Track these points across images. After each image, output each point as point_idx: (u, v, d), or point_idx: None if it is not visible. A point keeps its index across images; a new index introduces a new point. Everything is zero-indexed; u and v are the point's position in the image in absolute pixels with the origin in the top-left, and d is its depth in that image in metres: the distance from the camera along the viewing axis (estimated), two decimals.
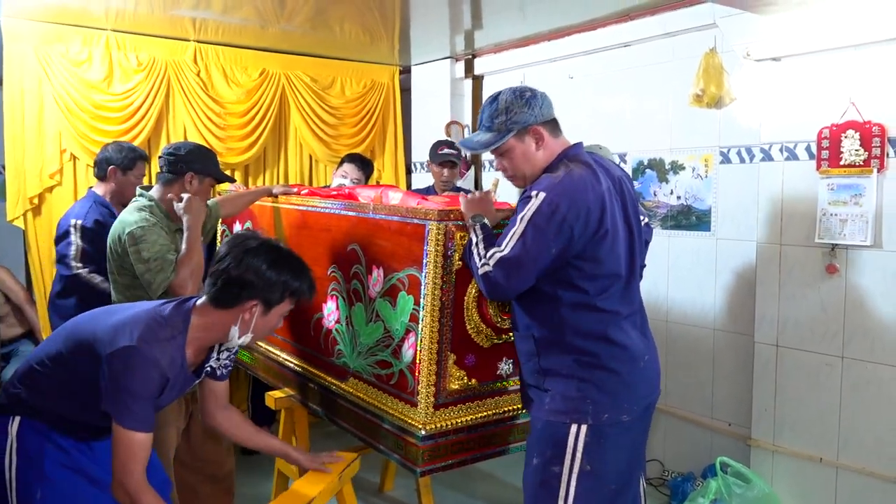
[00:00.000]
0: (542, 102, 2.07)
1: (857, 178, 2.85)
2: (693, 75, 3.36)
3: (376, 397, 2.48)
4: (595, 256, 1.98)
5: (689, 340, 3.69)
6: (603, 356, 2.00)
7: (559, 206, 1.91)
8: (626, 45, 3.85)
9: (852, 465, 2.95)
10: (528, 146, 2.07)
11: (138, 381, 1.85)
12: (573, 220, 1.91)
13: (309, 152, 4.81)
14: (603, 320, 2.00)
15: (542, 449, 2.03)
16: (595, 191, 1.97)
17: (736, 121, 3.41)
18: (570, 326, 2.01)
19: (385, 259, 2.49)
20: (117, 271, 2.68)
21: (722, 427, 3.55)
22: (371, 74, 4.99)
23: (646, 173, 3.81)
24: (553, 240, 1.92)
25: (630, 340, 2.05)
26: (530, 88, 2.10)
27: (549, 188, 1.94)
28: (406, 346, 2.37)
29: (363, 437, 2.57)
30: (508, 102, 2.05)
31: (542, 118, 2.06)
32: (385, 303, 2.48)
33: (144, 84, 4.08)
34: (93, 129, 3.93)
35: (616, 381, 2.00)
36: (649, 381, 2.12)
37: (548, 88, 4.26)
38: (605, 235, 1.97)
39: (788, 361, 3.12)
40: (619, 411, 2.00)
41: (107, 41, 3.98)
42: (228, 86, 4.40)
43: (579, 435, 1.97)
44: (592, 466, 1.96)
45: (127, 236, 2.58)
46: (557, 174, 1.98)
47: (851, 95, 2.86)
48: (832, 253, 2.95)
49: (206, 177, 2.81)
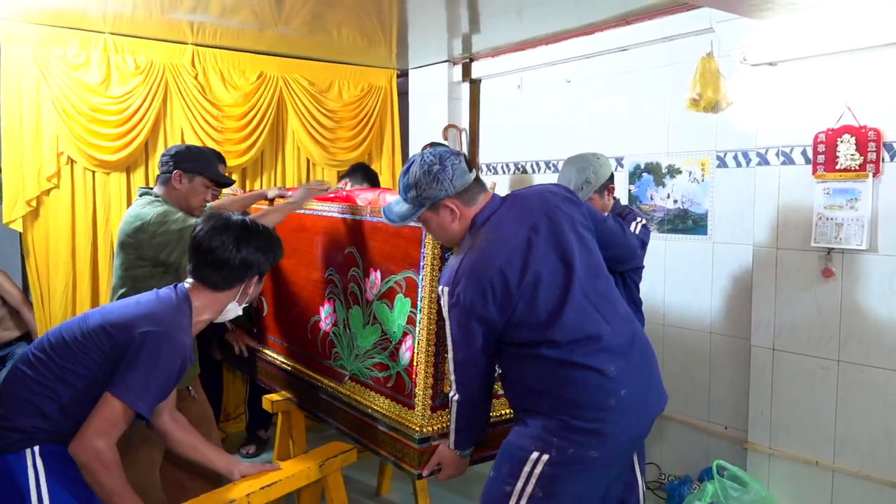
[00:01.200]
0: (452, 174, 2.03)
1: (853, 182, 2.87)
2: (690, 80, 3.37)
3: (373, 400, 2.49)
4: (530, 306, 1.97)
5: (685, 344, 3.70)
6: (568, 386, 1.93)
7: (465, 296, 1.95)
8: (623, 50, 3.86)
9: (848, 468, 2.96)
10: (443, 219, 2.08)
11: (166, 365, 1.96)
12: (480, 302, 1.95)
13: (306, 155, 4.81)
14: (567, 351, 1.94)
15: (500, 464, 2.03)
16: (500, 257, 1.96)
17: (732, 125, 3.42)
18: (532, 365, 2.00)
19: (382, 262, 2.51)
20: (131, 264, 2.74)
21: (718, 430, 3.56)
22: (368, 78, 5.00)
23: (643, 177, 3.83)
24: (475, 323, 1.97)
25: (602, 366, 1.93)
26: (440, 159, 2.05)
27: (449, 280, 1.99)
28: (403, 348, 2.38)
29: (360, 439, 2.58)
30: (417, 178, 2.05)
31: (454, 190, 2.03)
32: (382, 305, 2.50)
33: (142, 87, 4.09)
34: (90, 133, 3.94)
35: (583, 417, 1.93)
36: (629, 417, 1.97)
37: (545, 92, 4.28)
38: (533, 283, 1.97)
39: (785, 365, 3.14)
40: (587, 449, 1.93)
41: (104, 44, 3.98)
42: (226, 89, 4.40)
43: (538, 462, 1.93)
44: (545, 493, 1.93)
45: (151, 222, 2.66)
46: (455, 260, 2.01)
47: (847, 100, 2.88)
48: (828, 257, 2.96)
49: (195, 175, 2.87)
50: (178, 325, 2.03)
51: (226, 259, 2.13)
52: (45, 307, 3.95)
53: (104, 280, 4.08)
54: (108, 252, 4.08)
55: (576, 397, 1.94)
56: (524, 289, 1.96)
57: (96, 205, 4.07)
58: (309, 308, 2.95)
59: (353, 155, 4.91)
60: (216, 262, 2.13)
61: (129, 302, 2.12)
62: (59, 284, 3.96)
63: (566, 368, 1.94)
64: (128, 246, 2.74)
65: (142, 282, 2.70)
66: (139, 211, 2.75)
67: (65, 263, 3.97)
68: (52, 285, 3.96)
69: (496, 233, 2.03)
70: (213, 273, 2.14)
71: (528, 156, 4.50)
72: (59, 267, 3.96)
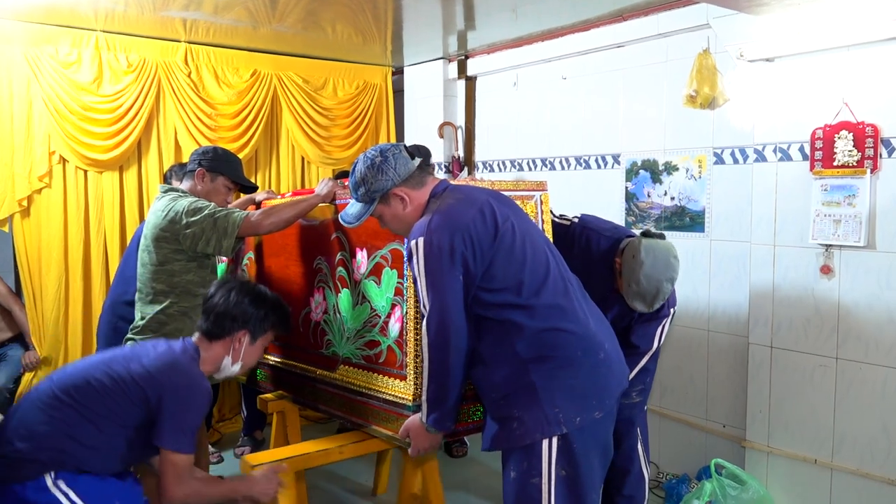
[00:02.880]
0: (395, 163, 2.14)
1: (851, 178, 2.87)
2: (686, 76, 3.38)
3: (366, 379, 2.52)
4: (508, 260, 2.02)
5: (683, 342, 3.70)
6: (558, 347, 2.01)
7: (441, 241, 1.97)
8: (619, 46, 3.86)
9: (847, 466, 2.96)
10: (395, 209, 2.17)
11: (199, 410, 2.20)
12: (460, 245, 1.97)
13: (301, 154, 4.81)
14: (544, 316, 2.02)
15: (517, 462, 2.04)
16: (472, 208, 2.04)
17: (729, 122, 3.42)
18: (516, 334, 2.01)
19: (368, 239, 2.55)
20: (166, 258, 2.78)
21: (716, 429, 3.56)
22: (363, 75, 4.99)
23: (639, 174, 3.83)
24: (453, 270, 1.98)
25: (580, 327, 2.05)
26: (382, 152, 2.16)
27: (422, 231, 2.01)
28: (392, 320, 2.42)
29: (354, 419, 2.60)
30: (363, 175, 2.16)
31: (400, 178, 2.13)
32: (370, 283, 2.54)
33: (134, 85, 4.08)
34: (82, 132, 3.93)
35: (581, 377, 2.02)
36: (615, 372, 2.13)
37: (541, 89, 4.28)
38: (504, 238, 2.03)
39: (783, 362, 3.14)
40: (590, 410, 2.02)
41: (96, 42, 3.97)
42: (219, 87, 4.39)
43: (552, 446, 1.99)
44: (567, 470, 2.00)
45: (185, 212, 2.72)
46: (426, 217, 2.06)
47: (844, 96, 2.88)
48: (826, 254, 2.97)
49: (217, 175, 2.94)
50: (198, 372, 2.24)
51: (215, 305, 2.31)
52: (38, 307, 3.94)
53: (97, 280, 4.07)
54: (101, 252, 4.08)
55: (569, 355, 2.01)
56: (501, 239, 2.02)
57: (89, 204, 4.06)
58: (300, 301, 2.96)
59: (349, 153, 4.90)
60: (208, 309, 2.32)
61: (148, 352, 2.23)
62: (51, 284, 3.95)
63: (550, 332, 2.01)
64: (162, 239, 2.77)
65: (177, 276, 2.78)
66: (169, 204, 2.78)
67: (57, 263, 3.96)
68: (45, 285, 3.95)
69: (462, 193, 2.12)
70: (206, 319, 2.31)
71: (524, 153, 4.50)
72: (52, 267, 3.95)
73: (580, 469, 2.01)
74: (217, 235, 2.71)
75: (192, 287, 2.81)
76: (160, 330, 2.76)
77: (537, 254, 2.09)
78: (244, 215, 2.73)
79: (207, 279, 2.81)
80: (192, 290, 2.80)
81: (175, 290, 2.80)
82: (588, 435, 2.02)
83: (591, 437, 2.04)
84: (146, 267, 2.83)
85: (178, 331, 2.73)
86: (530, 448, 2.00)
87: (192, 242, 2.73)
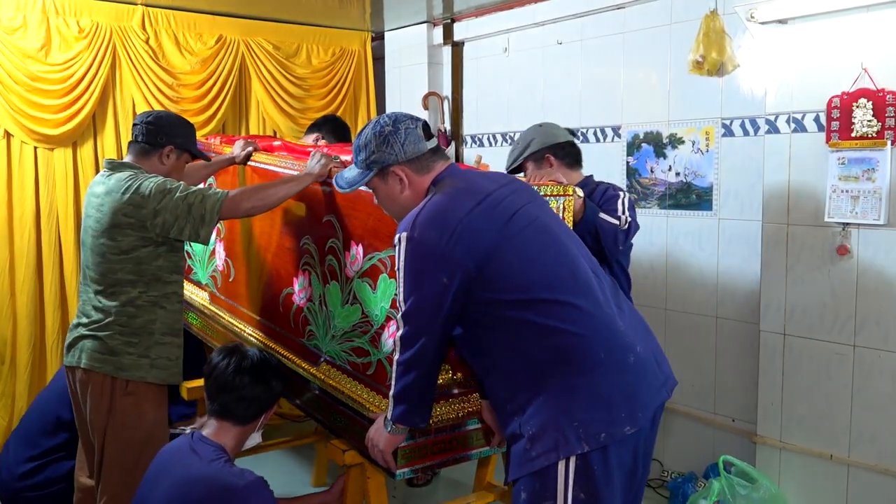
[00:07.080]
0: (404, 138, 2.04)
1: (870, 151, 2.85)
2: (692, 40, 3.34)
3: (351, 387, 2.47)
4: (519, 256, 1.92)
5: (689, 329, 3.70)
6: (576, 350, 1.87)
7: (427, 238, 1.88)
8: (619, 7, 3.83)
9: (865, 462, 2.97)
10: (391, 188, 2.08)
11: None
12: (450, 243, 1.87)
13: (273, 127, 4.79)
14: (561, 315, 1.88)
15: (530, 483, 1.90)
16: (471, 200, 1.94)
17: (739, 90, 3.40)
18: (527, 337, 1.90)
19: (366, 235, 2.46)
20: (131, 246, 2.61)
21: (725, 423, 3.57)
22: (340, 41, 4.97)
23: (642, 148, 3.81)
24: (438, 272, 1.88)
25: (603, 326, 1.92)
26: (395, 122, 2.06)
27: (409, 226, 1.92)
28: (386, 334, 2.35)
29: (334, 429, 2.56)
30: (367, 140, 2.08)
31: (405, 157, 2.04)
32: (364, 284, 2.46)
33: (87, 53, 4.03)
34: (29, 104, 3.88)
35: (606, 384, 1.87)
36: (650, 379, 1.96)
37: (534, 55, 4.23)
38: (514, 231, 1.94)
39: (796, 351, 3.14)
40: (618, 425, 1.85)
41: (43, 5, 3.91)
42: (181, 54, 4.35)
43: (569, 469, 1.85)
44: (587, 494, 1.86)
45: (149, 195, 2.55)
46: (417, 208, 1.96)
47: (864, 61, 2.85)
48: (843, 233, 2.96)
49: (183, 152, 2.82)
50: (237, 471, 2.33)
51: (245, 395, 2.51)
52: None
53: (48, 265, 4.05)
54: (54, 235, 4.05)
55: (590, 358, 1.86)
56: (510, 232, 1.92)
57: (38, 183, 4.02)
58: (281, 278, 2.90)
59: None
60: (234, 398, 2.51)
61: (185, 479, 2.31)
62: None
63: (566, 334, 1.87)
64: (126, 226, 2.59)
65: (145, 263, 2.63)
66: (127, 183, 2.59)
67: (1, 248, 3.92)
68: None
69: (462, 182, 2.02)
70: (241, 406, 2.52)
71: (515, 126, 4.47)
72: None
73: (599, 494, 1.86)
74: (192, 224, 2.55)
75: (163, 273, 2.68)
76: (129, 325, 2.63)
77: (557, 247, 1.98)
78: (222, 198, 2.57)
79: (180, 263, 2.73)
80: (163, 277, 2.67)
81: (143, 278, 2.65)
82: (613, 454, 1.86)
83: (616, 458, 1.87)
84: (105, 256, 2.65)
85: (149, 322, 2.64)
86: (544, 468, 1.87)
87: (163, 230, 2.58)
